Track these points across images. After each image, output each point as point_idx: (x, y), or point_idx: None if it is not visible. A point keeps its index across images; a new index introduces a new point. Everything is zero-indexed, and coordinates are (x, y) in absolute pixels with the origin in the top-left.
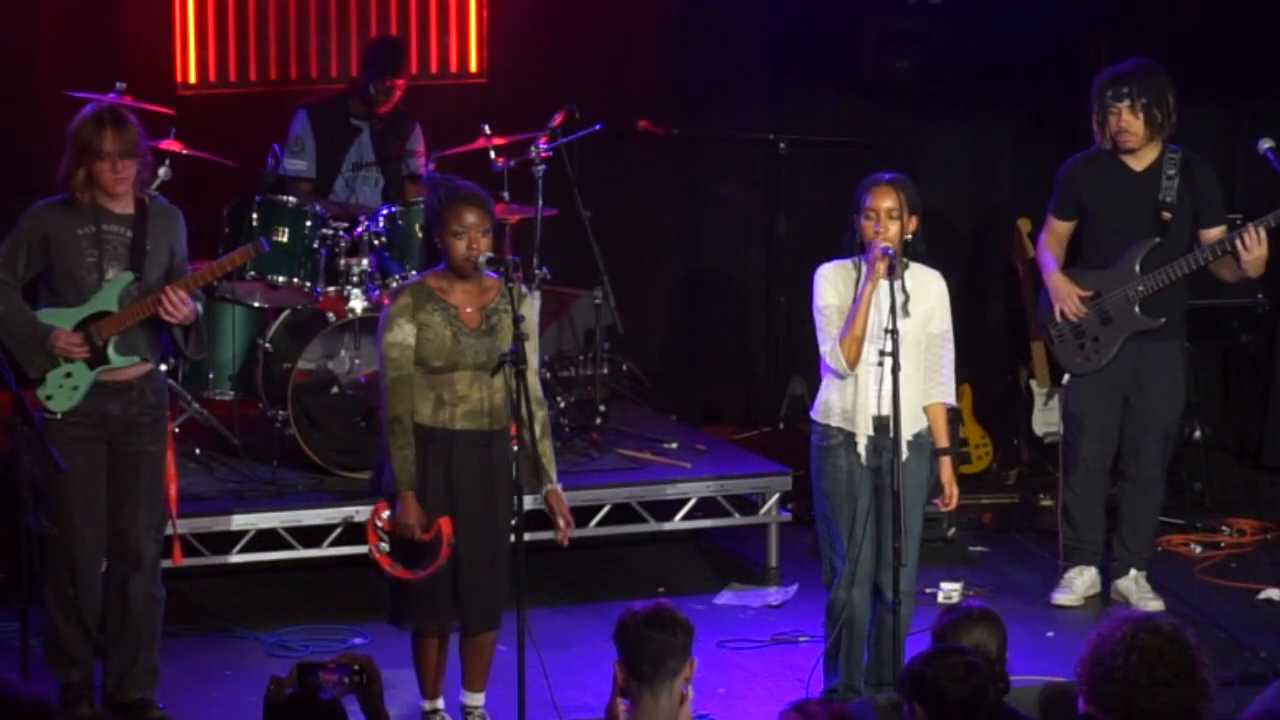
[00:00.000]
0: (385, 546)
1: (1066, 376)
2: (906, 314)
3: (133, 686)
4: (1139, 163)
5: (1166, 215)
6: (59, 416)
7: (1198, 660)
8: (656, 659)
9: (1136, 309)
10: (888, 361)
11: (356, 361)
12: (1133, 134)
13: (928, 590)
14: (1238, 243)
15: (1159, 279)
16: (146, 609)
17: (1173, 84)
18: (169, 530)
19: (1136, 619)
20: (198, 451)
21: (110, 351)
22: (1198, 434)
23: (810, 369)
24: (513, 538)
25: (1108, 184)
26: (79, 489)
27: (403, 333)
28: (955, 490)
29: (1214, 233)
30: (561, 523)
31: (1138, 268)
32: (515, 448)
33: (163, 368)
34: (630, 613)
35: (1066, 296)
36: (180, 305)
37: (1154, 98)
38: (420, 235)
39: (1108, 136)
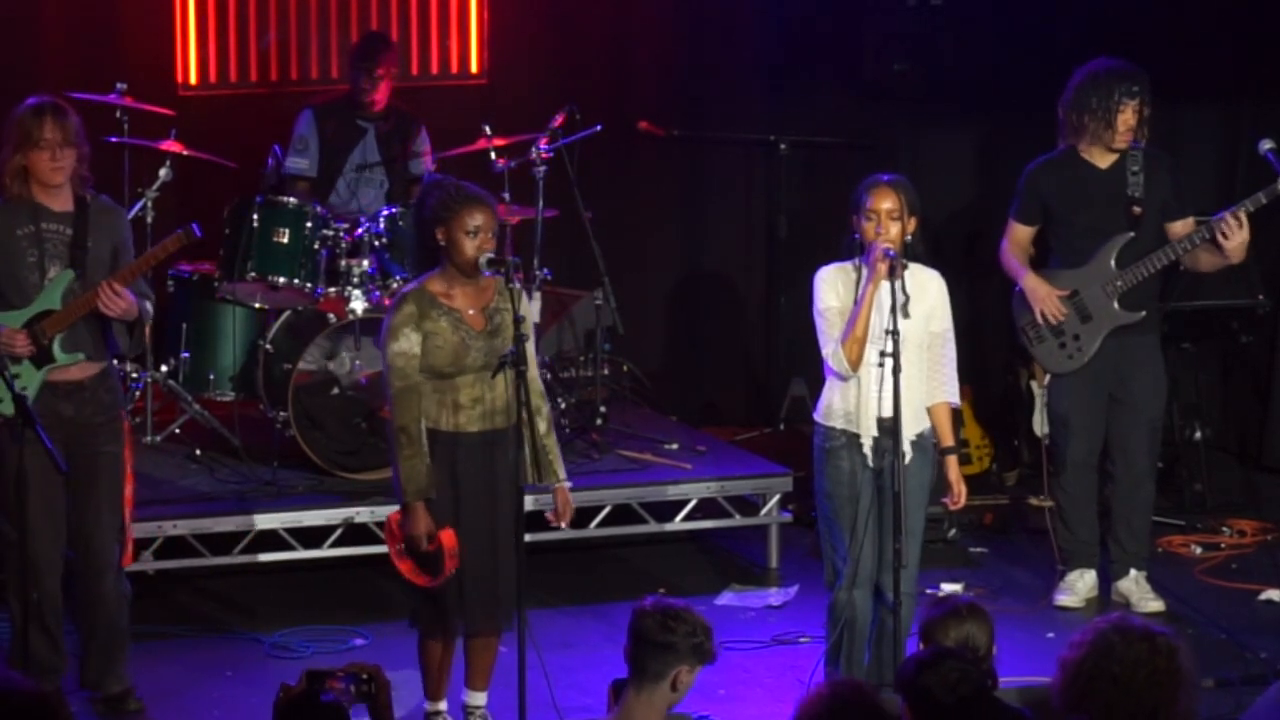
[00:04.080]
0: (403, 548)
1: (1048, 376)
2: (907, 315)
3: (113, 680)
4: (1103, 161)
5: (1138, 210)
6: (3, 419)
7: (1168, 663)
8: (641, 661)
9: (1115, 304)
10: (889, 362)
11: (357, 363)
12: (1132, 132)
13: (928, 591)
14: (1219, 230)
15: (1136, 273)
16: (118, 608)
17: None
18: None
19: (1111, 621)
20: (198, 452)
21: (55, 349)
22: (1198, 435)
23: (810, 369)
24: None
25: (1074, 184)
26: (38, 491)
27: (409, 342)
28: (964, 488)
29: (1180, 225)
30: (563, 521)
31: (1113, 263)
32: (517, 446)
33: (163, 368)
34: (642, 606)
35: (1045, 298)
36: (116, 298)
37: (1152, 98)
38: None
39: (1113, 132)
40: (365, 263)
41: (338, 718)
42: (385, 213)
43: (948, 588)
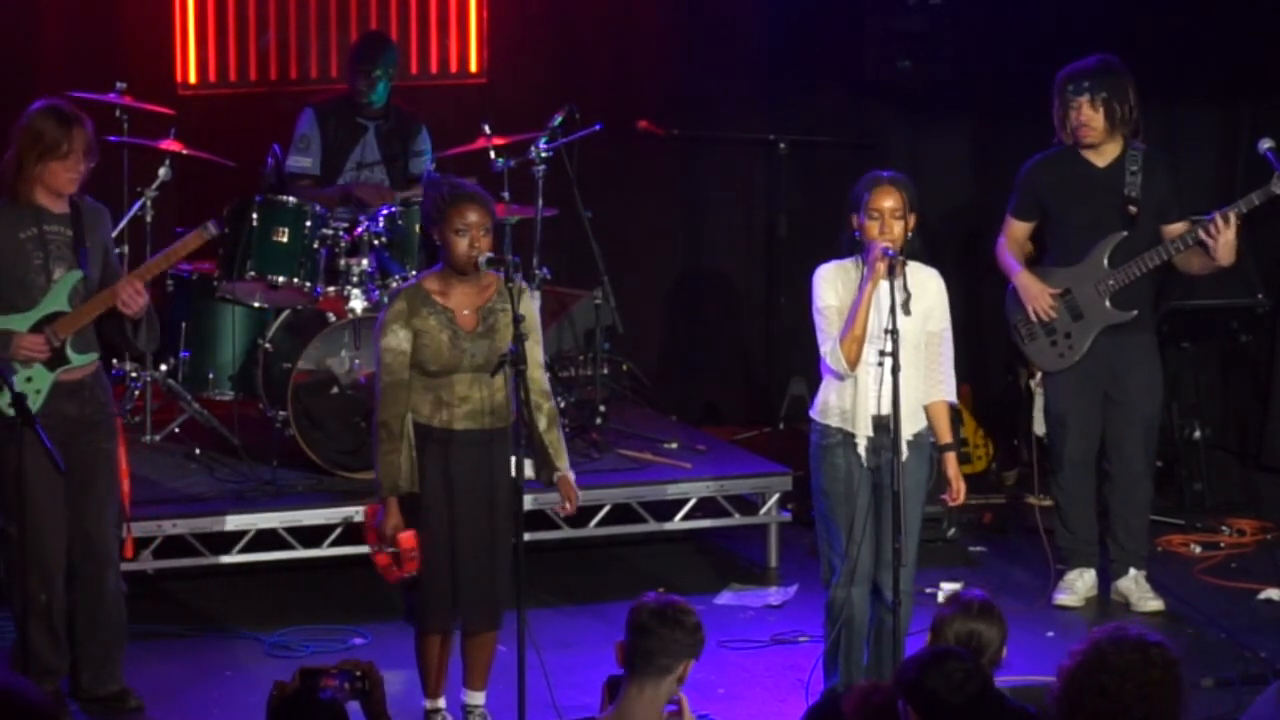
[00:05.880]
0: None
1: (1040, 375)
2: (908, 313)
3: (110, 680)
4: (1102, 159)
5: (1133, 209)
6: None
7: (1163, 675)
8: (648, 653)
9: (1107, 303)
10: (888, 361)
11: (356, 362)
12: (1092, 128)
13: (927, 590)
14: (1210, 227)
15: (1129, 272)
16: (116, 605)
17: (1135, 81)
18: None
19: (1108, 630)
20: (198, 451)
21: (68, 351)
22: (1198, 434)
23: (810, 369)
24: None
25: (1072, 182)
26: (44, 490)
27: (398, 339)
28: (963, 485)
29: (1176, 228)
30: (566, 504)
31: (1106, 262)
32: (518, 446)
33: (162, 368)
34: (641, 601)
35: (1038, 295)
36: (137, 297)
37: (1113, 93)
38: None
39: (1068, 131)
40: (365, 262)
41: (335, 715)
42: (385, 212)
43: (947, 587)
